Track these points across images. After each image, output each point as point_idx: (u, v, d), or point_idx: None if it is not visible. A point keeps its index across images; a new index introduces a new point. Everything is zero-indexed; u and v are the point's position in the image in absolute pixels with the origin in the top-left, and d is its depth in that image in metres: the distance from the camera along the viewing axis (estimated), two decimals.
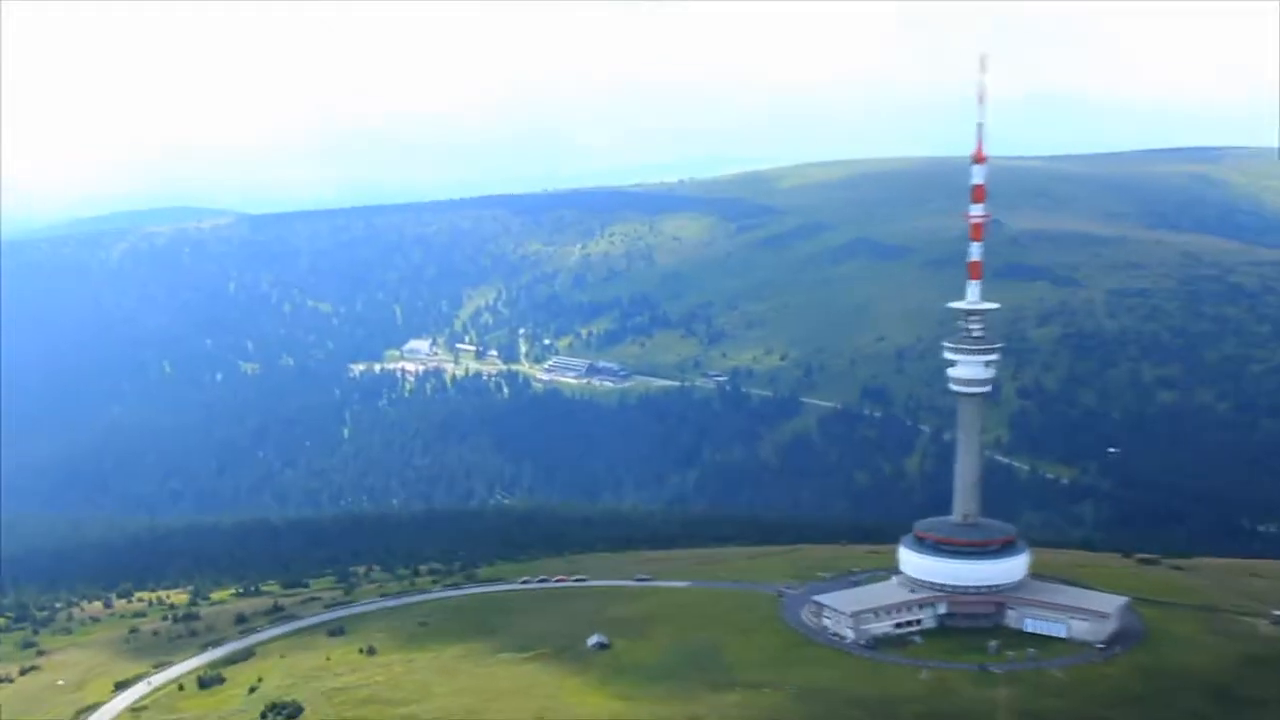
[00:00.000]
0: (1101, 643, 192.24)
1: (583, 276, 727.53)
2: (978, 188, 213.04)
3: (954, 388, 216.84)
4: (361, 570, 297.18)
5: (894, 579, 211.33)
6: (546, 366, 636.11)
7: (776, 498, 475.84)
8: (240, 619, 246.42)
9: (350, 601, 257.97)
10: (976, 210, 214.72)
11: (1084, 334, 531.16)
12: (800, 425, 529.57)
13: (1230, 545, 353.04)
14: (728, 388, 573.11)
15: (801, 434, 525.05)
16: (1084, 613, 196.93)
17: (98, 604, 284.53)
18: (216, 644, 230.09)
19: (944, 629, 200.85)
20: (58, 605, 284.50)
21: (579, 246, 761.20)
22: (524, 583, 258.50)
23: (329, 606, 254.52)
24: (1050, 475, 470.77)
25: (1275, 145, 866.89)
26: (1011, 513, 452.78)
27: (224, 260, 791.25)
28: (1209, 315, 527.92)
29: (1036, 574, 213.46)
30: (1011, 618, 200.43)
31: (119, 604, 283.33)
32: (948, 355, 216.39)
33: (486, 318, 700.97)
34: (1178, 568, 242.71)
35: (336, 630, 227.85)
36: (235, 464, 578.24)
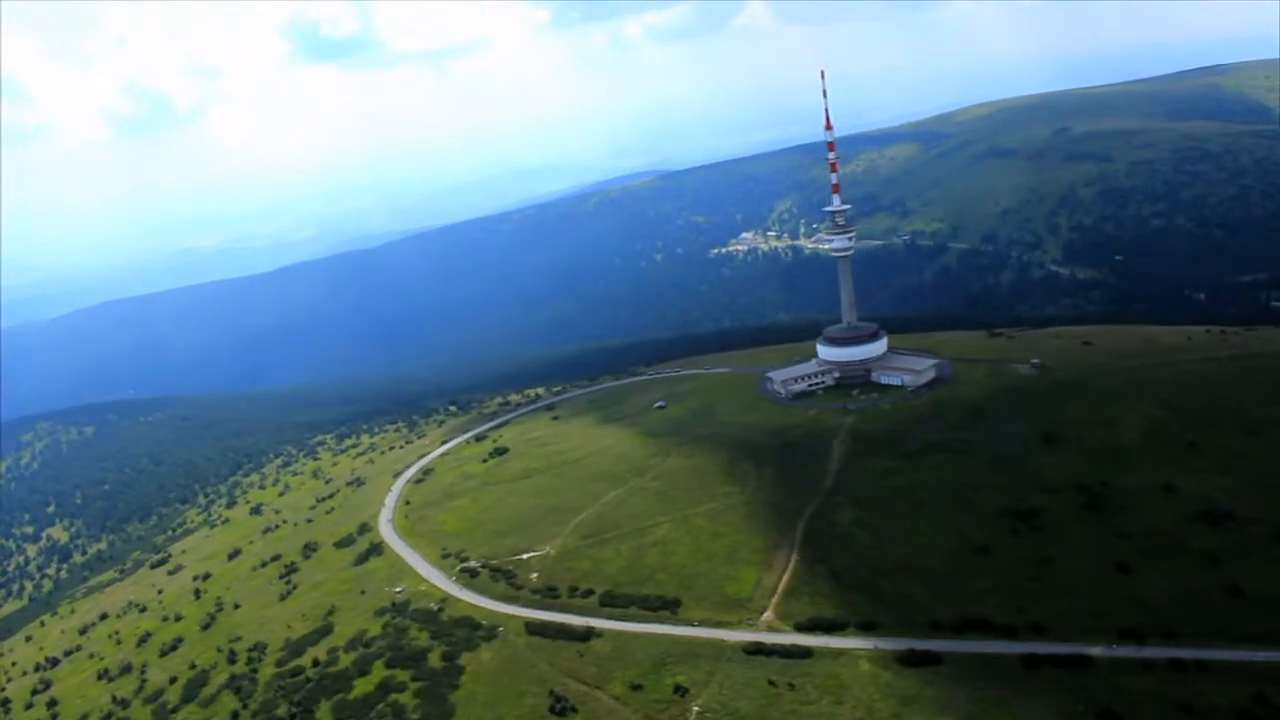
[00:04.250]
0: (919, 387, 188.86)
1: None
2: (830, 144, 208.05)
3: (832, 254, 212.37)
4: (638, 366, 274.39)
5: (813, 360, 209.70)
6: (813, 240, 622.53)
7: (923, 305, 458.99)
8: (517, 406, 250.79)
9: (564, 391, 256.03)
10: (831, 155, 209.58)
11: (1110, 190, 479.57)
12: (947, 260, 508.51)
13: (1178, 311, 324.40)
14: (910, 242, 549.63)
15: (947, 264, 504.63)
16: (911, 371, 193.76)
17: (500, 397, 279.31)
18: (495, 418, 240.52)
19: (838, 386, 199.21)
20: (483, 400, 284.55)
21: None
22: (657, 373, 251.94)
23: (558, 394, 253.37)
24: (1080, 276, 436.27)
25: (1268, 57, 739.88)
26: (1054, 301, 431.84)
27: (649, 201, 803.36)
28: (1187, 170, 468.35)
29: (897, 349, 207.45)
30: (874, 377, 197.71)
31: (497, 398, 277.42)
32: (825, 236, 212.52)
33: (785, 215, 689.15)
34: (1012, 337, 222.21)
35: (549, 407, 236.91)
36: (646, 304, 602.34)
